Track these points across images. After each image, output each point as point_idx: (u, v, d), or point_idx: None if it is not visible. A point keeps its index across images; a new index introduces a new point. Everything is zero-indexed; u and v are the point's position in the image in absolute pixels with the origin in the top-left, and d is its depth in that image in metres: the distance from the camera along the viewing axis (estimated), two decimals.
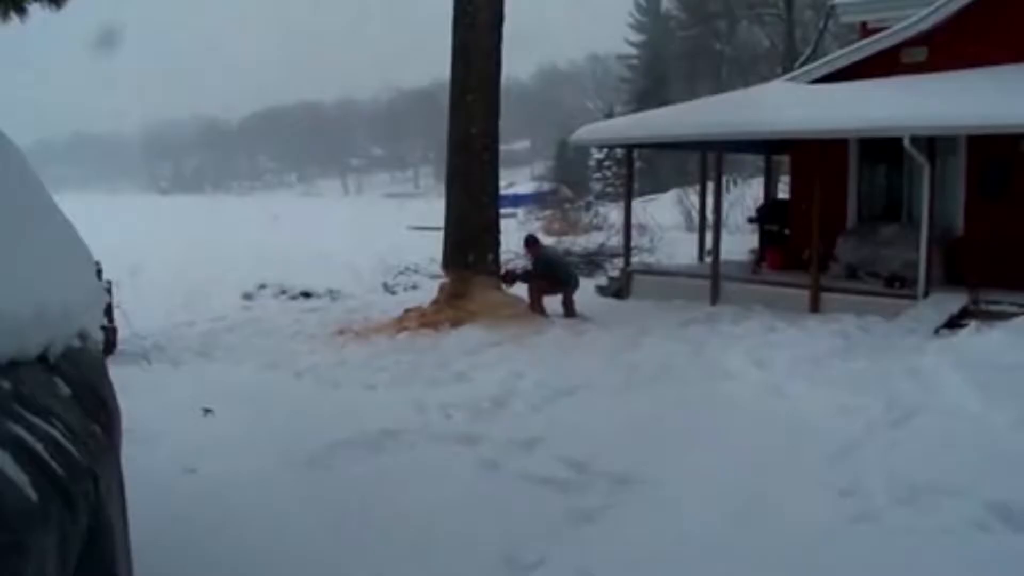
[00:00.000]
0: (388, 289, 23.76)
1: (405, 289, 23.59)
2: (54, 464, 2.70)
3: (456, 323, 16.51)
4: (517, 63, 18.35)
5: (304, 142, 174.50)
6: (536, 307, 17.67)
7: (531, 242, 19.29)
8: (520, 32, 18.33)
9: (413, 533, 6.86)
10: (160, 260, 27.41)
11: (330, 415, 10.32)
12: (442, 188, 19.23)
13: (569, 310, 17.90)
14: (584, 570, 6.22)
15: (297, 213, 65.32)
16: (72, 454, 2.87)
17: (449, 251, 18.07)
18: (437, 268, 22.20)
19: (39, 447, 2.68)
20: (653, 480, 7.97)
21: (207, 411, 10.40)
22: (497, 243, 18.26)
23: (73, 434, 2.99)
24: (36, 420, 2.79)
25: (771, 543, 6.67)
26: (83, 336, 3.87)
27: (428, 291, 19.82)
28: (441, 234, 18.52)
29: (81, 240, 4.53)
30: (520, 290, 18.14)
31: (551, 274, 18.28)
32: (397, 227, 44.54)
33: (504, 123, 18.53)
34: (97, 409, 3.60)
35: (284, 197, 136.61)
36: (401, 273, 25.33)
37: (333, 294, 22.34)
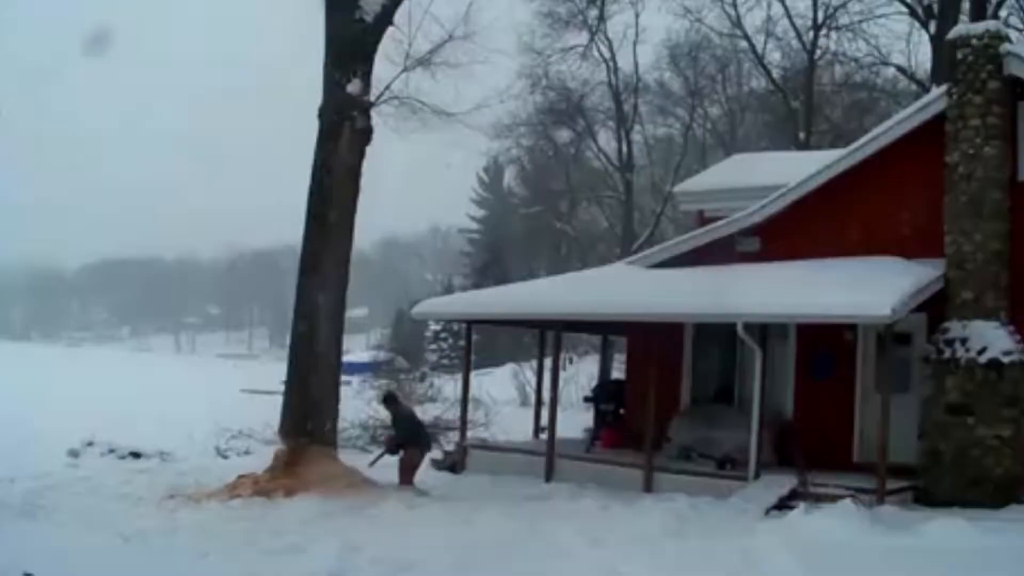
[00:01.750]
0: (220, 453, 23.29)
1: (238, 454, 23.14)
2: None
3: (290, 492, 16.26)
4: (358, 231, 18.46)
5: (139, 296, 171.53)
6: (408, 481, 17.57)
7: (391, 400, 19.20)
8: (362, 201, 18.57)
9: None
10: None
11: None
12: (276, 351, 19.40)
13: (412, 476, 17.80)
14: None
15: (128, 369, 63.66)
16: None
17: (288, 417, 17.90)
18: (271, 433, 21.88)
19: None
20: None
21: None
22: (336, 412, 18.17)
23: None
24: None
25: None
26: None
27: (261, 457, 19.47)
28: (275, 398, 18.38)
29: None
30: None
31: (416, 433, 18.26)
32: (231, 389, 43.83)
33: None
34: None
35: (115, 351, 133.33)
36: (234, 437, 24.81)
37: (164, 455, 21.78)
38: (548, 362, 21.05)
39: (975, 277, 16.54)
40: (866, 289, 15.94)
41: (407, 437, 18.09)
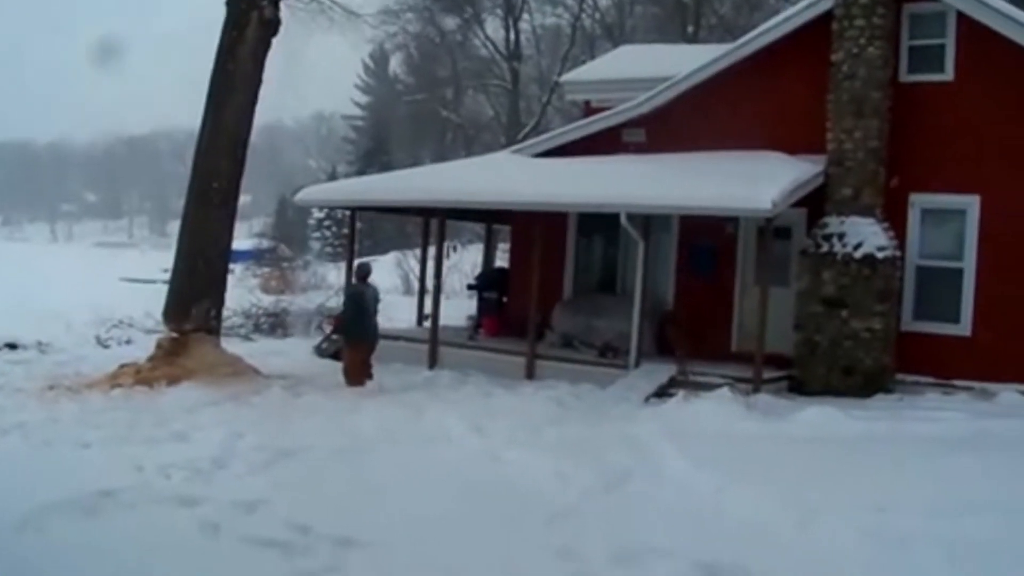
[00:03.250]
0: (101, 343, 22.94)
1: (119, 343, 22.80)
2: None
3: (173, 380, 16.14)
4: None
5: (11, 183, 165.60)
6: (356, 381, 16.54)
7: (357, 275, 17.54)
8: None
9: None
10: None
11: (42, 475, 9.91)
12: (156, 240, 19.04)
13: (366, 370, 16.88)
14: None
15: (1, 258, 62.05)
16: None
17: (172, 301, 17.70)
18: (152, 322, 21.64)
19: None
20: (375, 543, 7.99)
21: None
22: (222, 300, 18.03)
23: None
24: None
25: None
26: None
27: (143, 346, 19.25)
28: (156, 287, 18.07)
29: None
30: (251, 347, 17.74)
31: (355, 320, 16.94)
32: (110, 278, 43.06)
33: None
34: None
35: None
36: (115, 326, 24.43)
37: (42, 346, 21.37)
38: (432, 250, 21.06)
39: (854, 174, 16.90)
40: (748, 183, 16.16)
41: (347, 319, 17.08)
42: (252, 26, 17.98)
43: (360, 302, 16.99)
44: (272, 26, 18.30)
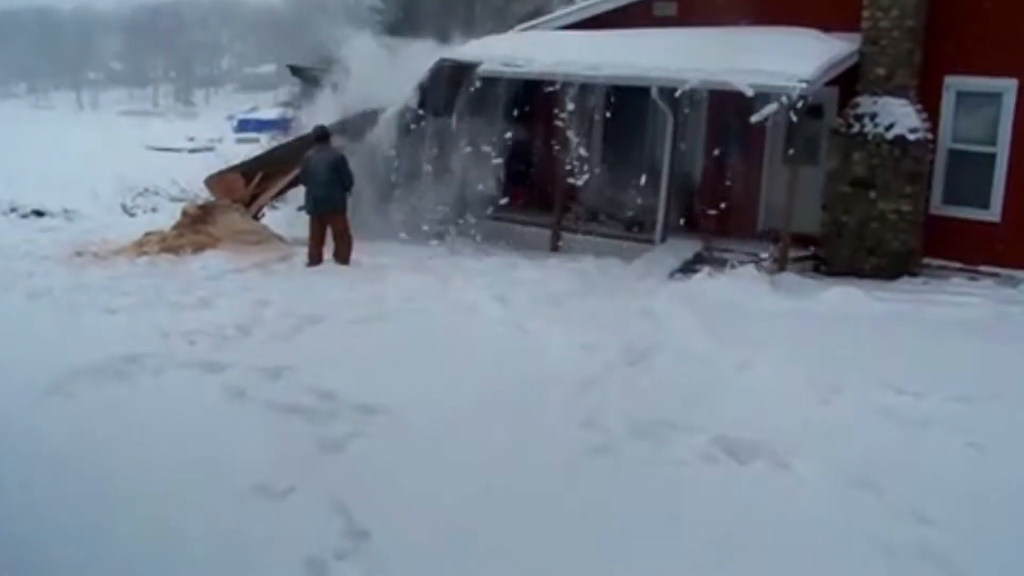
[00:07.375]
0: (127, 211, 23.04)
1: (145, 212, 22.89)
2: None
3: (198, 248, 16.23)
4: None
5: (35, 50, 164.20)
6: (310, 249, 15.87)
7: (316, 136, 16.32)
8: None
9: (160, 462, 6.75)
10: None
11: (70, 340, 9.97)
12: (181, 108, 19.05)
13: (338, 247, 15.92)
14: (334, 497, 6.27)
15: (27, 127, 61.98)
16: None
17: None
18: (178, 190, 21.68)
19: None
20: (398, 410, 8.05)
21: None
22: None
23: None
24: None
25: (516, 472, 6.87)
26: None
27: (168, 214, 19.30)
28: (181, 156, 18.12)
29: None
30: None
31: (306, 187, 16.04)
32: (136, 146, 43.00)
33: (250, 46, 18.50)
34: None
35: (12, 108, 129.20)
36: (140, 195, 24.52)
37: (68, 214, 21.47)
38: None
39: (888, 53, 16.59)
40: (781, 60, 15.91)
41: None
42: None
43: (305, 168, 16.04)
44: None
